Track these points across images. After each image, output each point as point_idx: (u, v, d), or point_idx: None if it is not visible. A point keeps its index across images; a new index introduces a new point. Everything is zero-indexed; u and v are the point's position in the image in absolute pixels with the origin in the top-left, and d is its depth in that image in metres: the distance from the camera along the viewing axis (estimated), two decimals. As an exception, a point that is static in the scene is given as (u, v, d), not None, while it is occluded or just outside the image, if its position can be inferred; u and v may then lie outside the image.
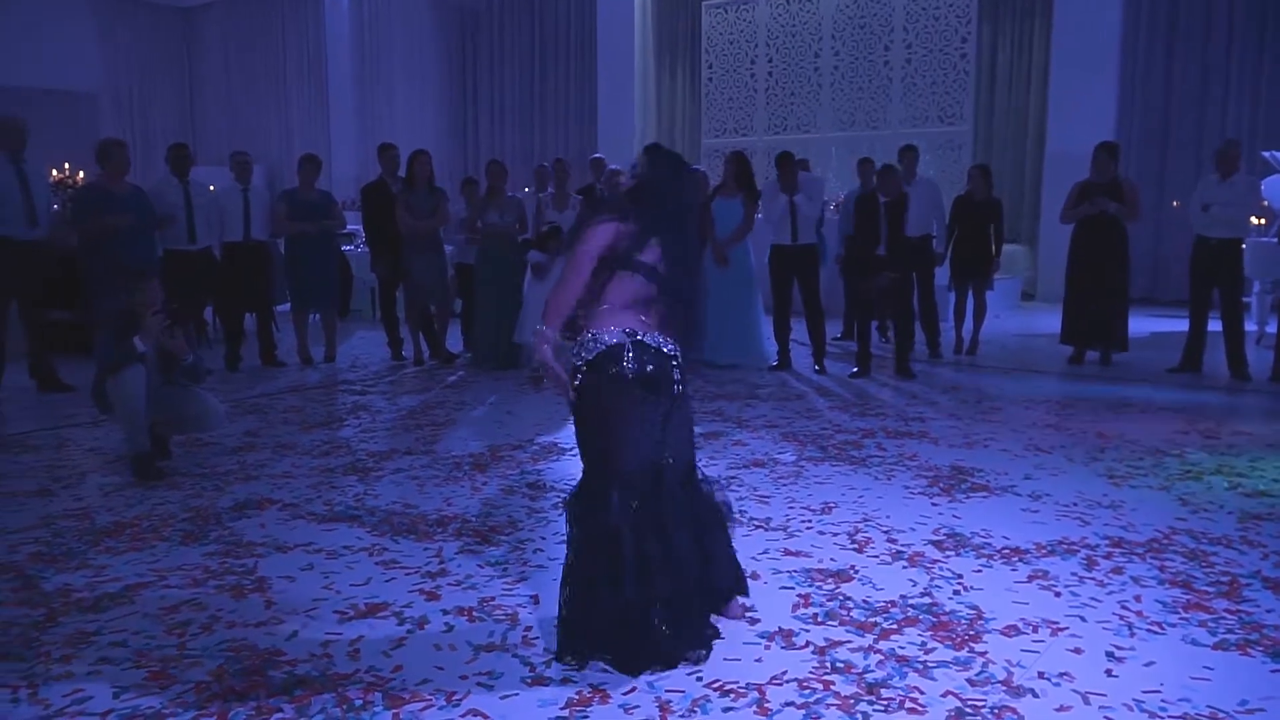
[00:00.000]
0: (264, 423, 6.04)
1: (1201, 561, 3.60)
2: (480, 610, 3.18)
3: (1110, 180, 7.59)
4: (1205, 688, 2.67)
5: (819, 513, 4.19)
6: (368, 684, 2.68)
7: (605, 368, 2.79)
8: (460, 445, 5.47)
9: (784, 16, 13.91)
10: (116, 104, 18.49)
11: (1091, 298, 7.71)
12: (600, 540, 2.77)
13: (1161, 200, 11.98)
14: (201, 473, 4.88)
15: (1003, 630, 3.02)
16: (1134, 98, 12.18)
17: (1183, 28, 11.97)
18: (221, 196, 8.01)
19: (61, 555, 3.69)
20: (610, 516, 2.76)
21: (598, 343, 2.81)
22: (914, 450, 5.26)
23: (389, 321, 8.59)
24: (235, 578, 3.47)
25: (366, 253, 9.64)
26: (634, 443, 2.80)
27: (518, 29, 17.03)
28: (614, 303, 2.85)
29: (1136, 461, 5.01)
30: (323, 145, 17.01)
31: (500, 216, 7.95)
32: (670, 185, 2.95)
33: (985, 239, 8.29)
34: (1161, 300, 12.01)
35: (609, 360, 2.79)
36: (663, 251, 2.86)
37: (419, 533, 3.95)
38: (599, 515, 2.78)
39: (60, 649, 2.90)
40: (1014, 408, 6.36)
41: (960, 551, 3.71)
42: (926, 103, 12.86)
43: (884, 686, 2.66)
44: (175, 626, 3.05)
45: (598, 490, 2.81)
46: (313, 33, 18.16)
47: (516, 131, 17.13)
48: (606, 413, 2.80)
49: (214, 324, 9.25)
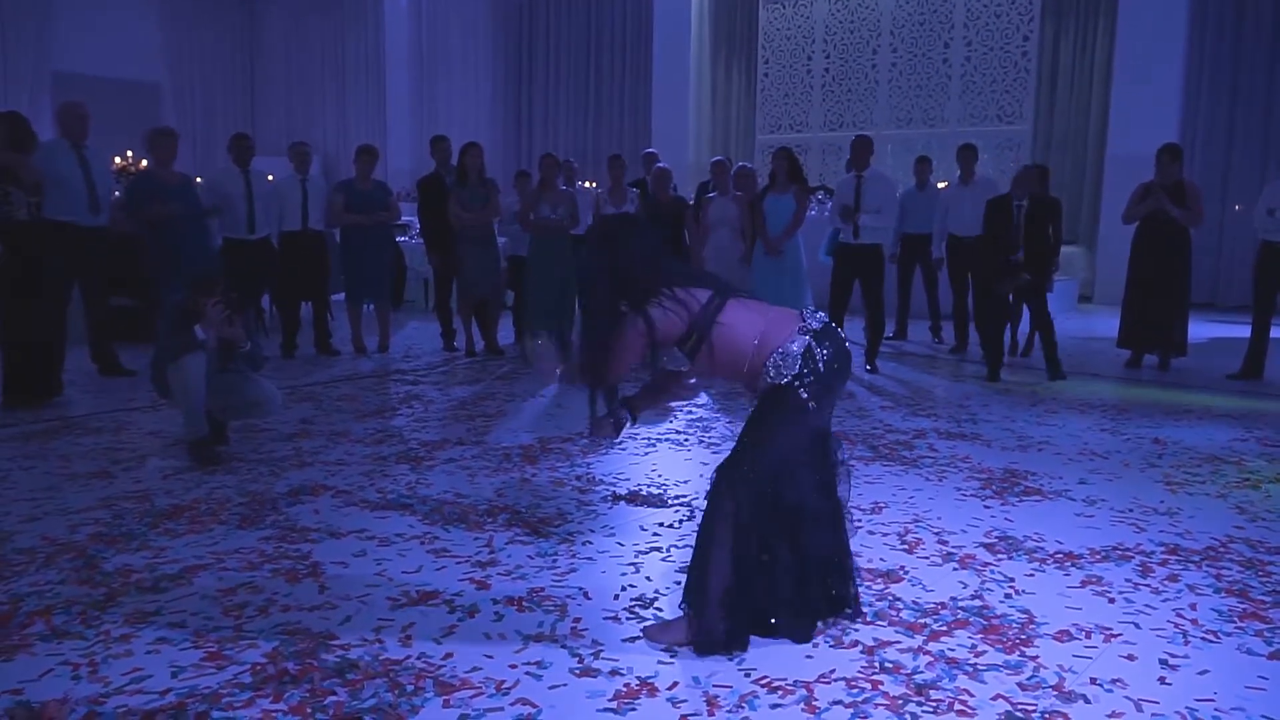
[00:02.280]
0: (319, 410, 6.14)
1: (1259, 570, 3.53)
2: (530, 600, 3.21)
3: (1173, 183, 7.45)
4: (1260, 697, 2.63)
5: (869, 512, 4.17)
6: (419, 670, 2.71)
7: (812, 370, 2.79)
8: (511, 437, 5.51)
9: (842, 12, 13.82)
10: (178, 93, 18.82)
11: (1151, 301, 7.58)
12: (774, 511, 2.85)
13: (1224, 203, 11.74)
14: (258, 458, 4.97)
15: (1055, 635, 2.98)
16: (1198, 99, 11.93)
17: (1250, 28, 11.71)
18: (281, 186, 8.14)
19: (121, 536, 3.77)
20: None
21: (788, 357, 2.79)
22: (966, 452, 5.21)
23: (442, 312, 8.67)
24: (290, 562, 3.53)
25: (421, 244, 9.75)
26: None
27: (573, 23, 17.08)
28: (758, 329, 2.83)
29: (1194, 468, 4.92)
30: (379, 137, 17.19)
31: (552, 210, 8.00)
32: (611, 255, 2.87)
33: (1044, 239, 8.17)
34: (1223, 305, 11.77)
35: (809, 361, 2.80)
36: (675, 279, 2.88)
37: (469, 522, 3.99)
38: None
39: (120, 628, 2.96)
40: (1069, 411, 6.27)
41: (1012, 555, 3.67)
42: (985, 101, 12.73)
43: (933, 688, 2.65)
44: (232, 608, 3.11)
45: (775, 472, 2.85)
46: (372, 25, 18.35)
47: (571, 126, 17.20)
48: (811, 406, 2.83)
49: (270, 312, 9.41)
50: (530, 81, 17.64)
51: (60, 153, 6.60)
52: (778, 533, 2.86)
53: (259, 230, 7.90)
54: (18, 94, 15.27)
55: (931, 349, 9.07)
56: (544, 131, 17.48)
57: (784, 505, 2.87)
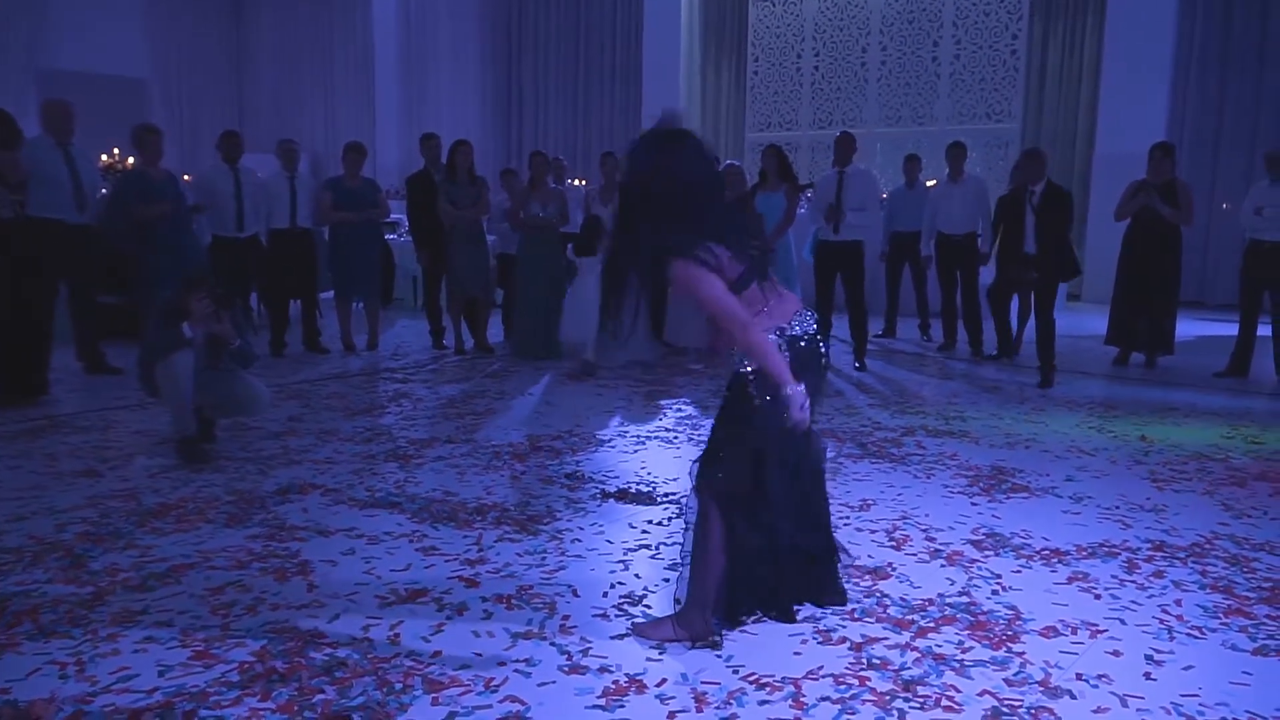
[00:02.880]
0: (307, 408, 6.13)
1: (1243, 567, 3.56)
2: (519, 598, 3.21)
3: (1165, 181, 7.49)
4: (1244, 693, 2.64)
5: (857, 509, 4.18)
6: (407, 668, 2.71)
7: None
8: (500, 435, 5.51)
9: (832, 10, 13.84)
10: (165, 90, 18.75)
11: (1140, 299, 7.62)
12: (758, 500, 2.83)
13: (1212, 202, 11.80)
14: (246, 456, 4.96)
15: (1041, 631, 3.00)
16: (1186, 98, 11.98)
17: (1238, 28, 11.76)
18: (269, 184, 8.12)
19: (109, 535, 3.76)
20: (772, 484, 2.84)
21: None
22: (954, 449, 5.23)
23: (432, 310, 8.66)
24: (278, 560, 3.52)
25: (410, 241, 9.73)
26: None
27: (563, 20, 17.07)
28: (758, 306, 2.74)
29: (1180, 465, 4.95)
30: (368, 134, 17.17)
31: (542, 208, 7.99)
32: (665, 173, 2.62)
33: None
34: (1209, 304, 11.83)
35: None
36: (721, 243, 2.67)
37: (459, 520, 3.99)
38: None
39: (107, 627, 2.95)
40: (1056, 409, 6.30)
41: (999, 552, 3.69)
42: (975, 99, 12.76)
43: (920, 684, 2.66)
44: (220, 607, 3.10)
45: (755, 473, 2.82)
46: (360, 21, 18.32)
47: (560, 123, 17.19)
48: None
49: (259, 310, 9.39)
50: (520, 78, 17.62)
51: (45, 150, 6.57)
52: (759, 522, 2.87)
53: (247, 228, 7.88)
54: (3, 91, 15.18)
55: (920, 347, 9.10)
56: (534, 129, 17.46)
57: (761, 493, 2.85)
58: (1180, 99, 11.94)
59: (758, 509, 2.85)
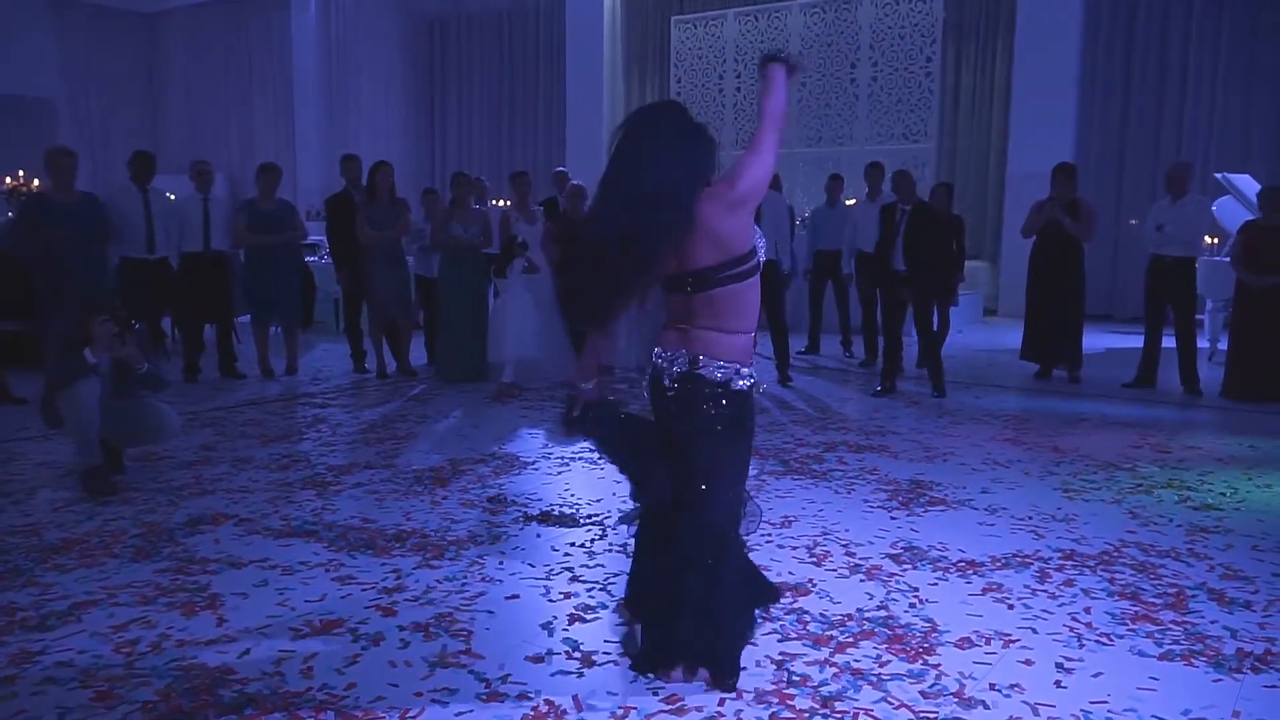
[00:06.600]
0: (222, 436, 5.98)
1: (1149, 573, 3.65)
2: (437, 626, 3.16)
3: (1068, 200, 7.70)
4: (1151, 698, 2.71)
5: (778, 526, 4.20)
6: (320, 702, 2.65)
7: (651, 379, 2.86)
8: (421, 459, 5.44)
9: (752, 32, 14.00)
10: (75, 110, 18.26)
11: (1047, 314, 7.82)
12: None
13: (1118, 219, 12.18)
14: (156, 487, 4.81)
15: (956, 643, 3.04)
16: (1092, 119, 12.38)
17: (1139, 53, 12.22)
18: (182, 206, 7.92)
19: (7, 573, 3.62)
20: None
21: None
22: (875, 464, 5.30)
23: (352, 333, 8.53)
24: (187, 595, 3.42)
25: (330, 263, 9.57)
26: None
27: (485, 41, 17.04)
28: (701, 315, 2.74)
29: (1090, 475, 5.07)
30: (287, 155, 16.89)
31: (464, 229, 7.93)
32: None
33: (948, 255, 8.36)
34: (1118, 317, 12.19)
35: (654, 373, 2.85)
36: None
37: (376, 548, 3.92)
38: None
39: (3, 669, 2.84)
40: (973, 422, 6.42)
41: (917, 564, 3.74)
42: (892, 120, 12.98)
43: (838, 699, 2.67)
44: (123, 645, 3.00)
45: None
46: (278, 40, 18.04)
47: (484, 143, 17.13)
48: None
49: (172, 335, 9.14)
50: (443, 100, 17.51)
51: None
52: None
53: (158, 250, 7.66)
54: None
55: (843, 363, 9.21)
56: (457, 150, 17.36)
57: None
58: (1087, 119, 12.32)
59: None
